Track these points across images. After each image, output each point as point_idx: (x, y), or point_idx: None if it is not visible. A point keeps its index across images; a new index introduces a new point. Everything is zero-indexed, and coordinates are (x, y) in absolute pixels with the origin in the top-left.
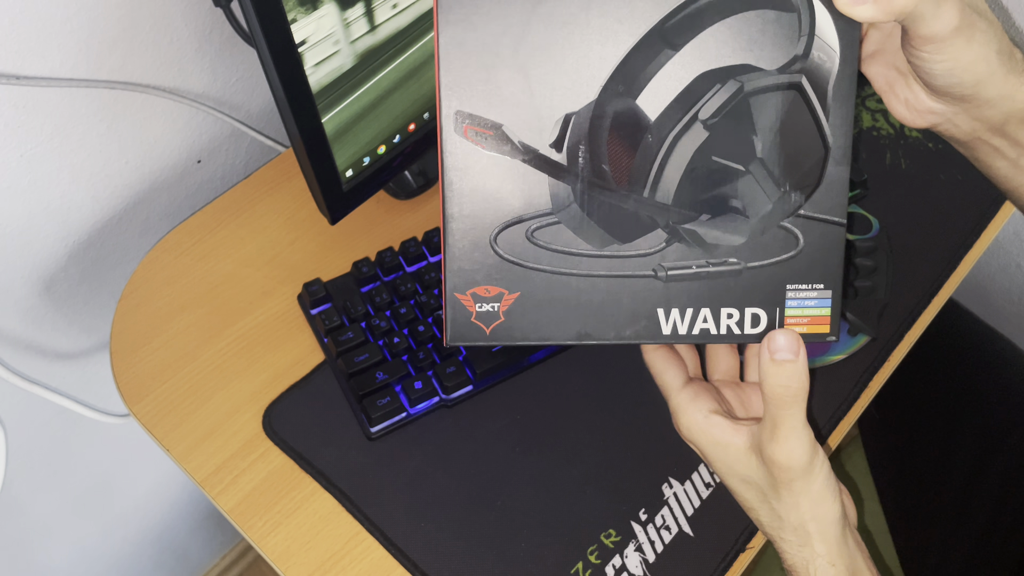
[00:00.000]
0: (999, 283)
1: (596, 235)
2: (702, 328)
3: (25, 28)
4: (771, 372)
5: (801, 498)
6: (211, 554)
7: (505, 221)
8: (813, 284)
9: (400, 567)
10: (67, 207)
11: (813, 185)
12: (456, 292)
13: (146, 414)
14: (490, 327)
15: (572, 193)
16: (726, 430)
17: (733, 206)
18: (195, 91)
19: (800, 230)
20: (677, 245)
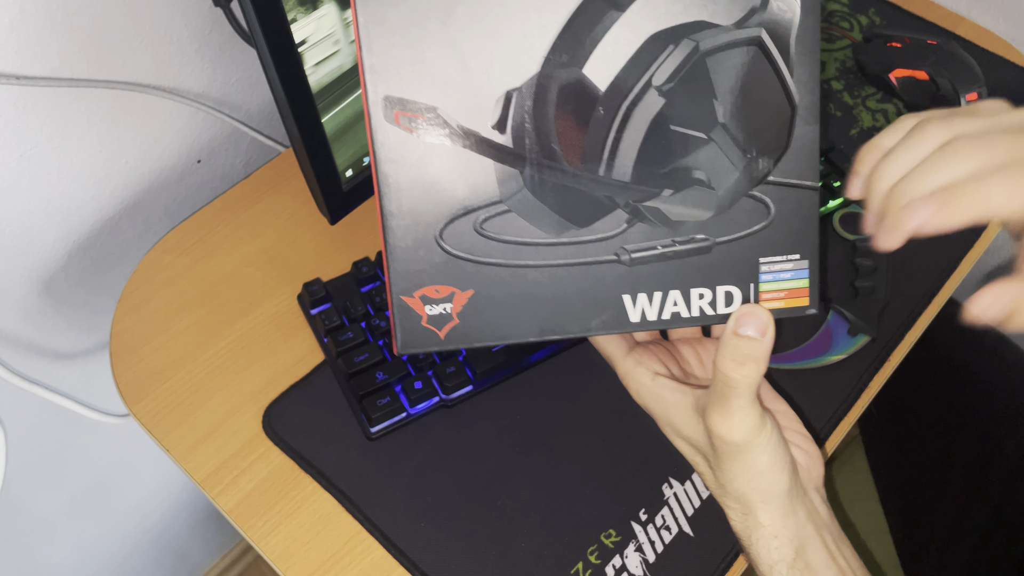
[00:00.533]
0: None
1: (551, 221)
2: (672, 312)
3: (25, 28)
4: (730, 345)
5: (743, 470)
6: (211, 554)
7: (450, 214)
8: (788, 255)
9: (400, 567)
10: (67, 207)
11: (781, 148)
12: (402, 295)
13: (146, 414)
14: (444, 330)
15: (521, 177)
16: (673, 390)
17: (697, 178)
18: (195, 91)
19: (771, 198)
20: (639, 225)
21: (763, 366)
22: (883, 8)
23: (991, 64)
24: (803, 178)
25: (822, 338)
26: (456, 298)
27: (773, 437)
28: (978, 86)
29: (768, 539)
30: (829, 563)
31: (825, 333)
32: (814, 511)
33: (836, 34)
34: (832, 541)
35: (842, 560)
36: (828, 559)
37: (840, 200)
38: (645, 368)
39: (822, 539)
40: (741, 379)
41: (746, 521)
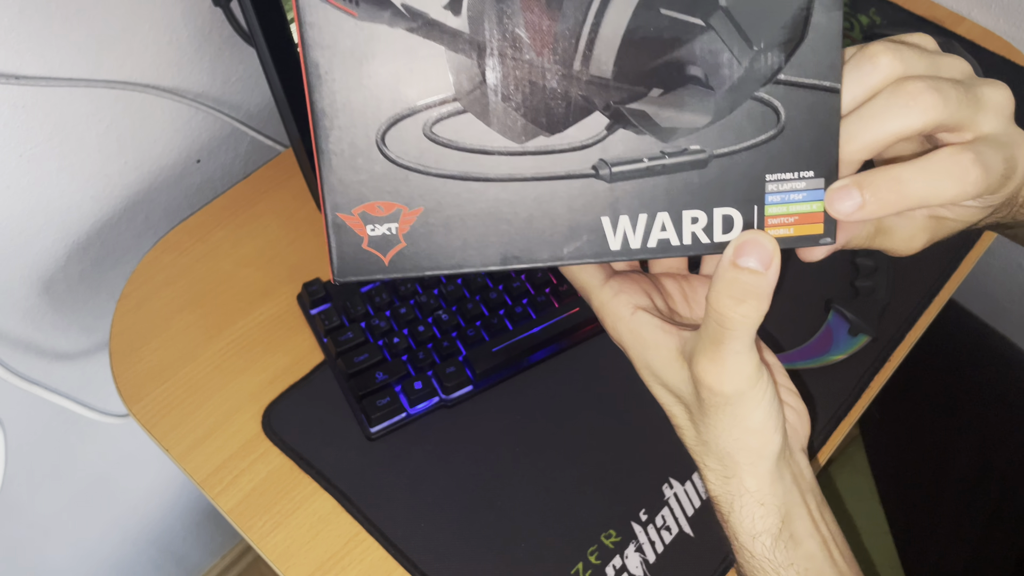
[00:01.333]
0: (1000, 283)
1: (515, 125)
2: (660, 239)
3: (25, 28)
4: (727, 278)
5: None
6: (210, 554)
7: (394, 114)
8: (800, 172)
9: (400, 567)
10: (66, 207)
11: (796, 40)
12: (338, 212)
13: (145, 414)
14: (388, 255)
15: (479, 70)
16: (655, 329)
17: (692, 75)
18: (194, 91)
19: (781, 102)
20: (622, 132)
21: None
22: (883, 8)
23: (991, 64)
24: (821, 77)
25: (822, 338)
26: (403, 216)
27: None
28: None
29: (753, 506)
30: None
31: (825, 333)
32: (800, 474)
33: None
34: (816, 507)
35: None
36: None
37: None
38: (625, 300)
39: (807, 505)
40: (739, 319)
41: (728, 485)
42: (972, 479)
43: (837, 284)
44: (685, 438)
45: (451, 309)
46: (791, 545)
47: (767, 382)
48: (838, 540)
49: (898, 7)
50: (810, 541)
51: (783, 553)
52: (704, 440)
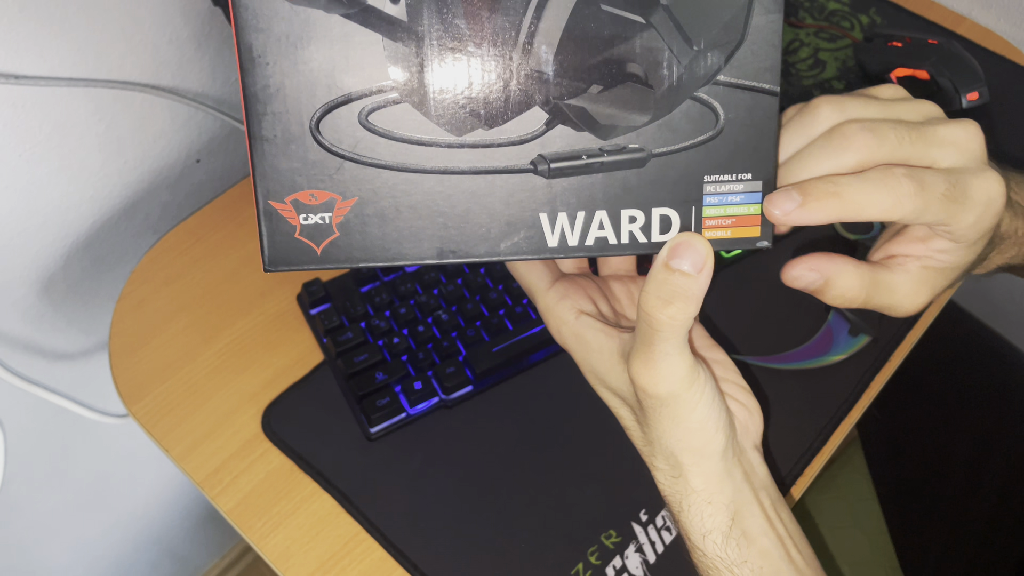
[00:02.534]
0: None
1: (454, 118)
2: (598, 237)
3: (24, 28)
4: (657, 280)
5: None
6: (210, 555)
7: (329, 101)
8: (739, 174)
9: (400, 568)
10: (66, 207)
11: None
12: (270, 200)
13: (145, 414)
14: (321, 245)
15: (416, 60)
16: (597, 333)
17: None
18: (194, 90)
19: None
20: (561, 128)
21: (694, 307)
22: (884, 8)
23: (992, 64)
24: (760, 79)
25: (823, 338)
26: (337, 206)
27: (707, 390)
28: (979, 85)
29: (701, 505)
30: (766, 529)
31: (826, 333)
32: (752, 472)
33: (837, 33)
34: (770, 505)
35: (780, 526)
36: (766, 525)
37: None
38: (569, 304)
39: (760, 503)
40: (666, 320)
41: (676, 485)
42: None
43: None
44: (634, 439)
45: (451, 309)
46: (743, 543)
47: (704, 382)
48: (796, 539)
49: (898, 7)
50: (764, 539)
51: (735, 551)
52: (649, 440)
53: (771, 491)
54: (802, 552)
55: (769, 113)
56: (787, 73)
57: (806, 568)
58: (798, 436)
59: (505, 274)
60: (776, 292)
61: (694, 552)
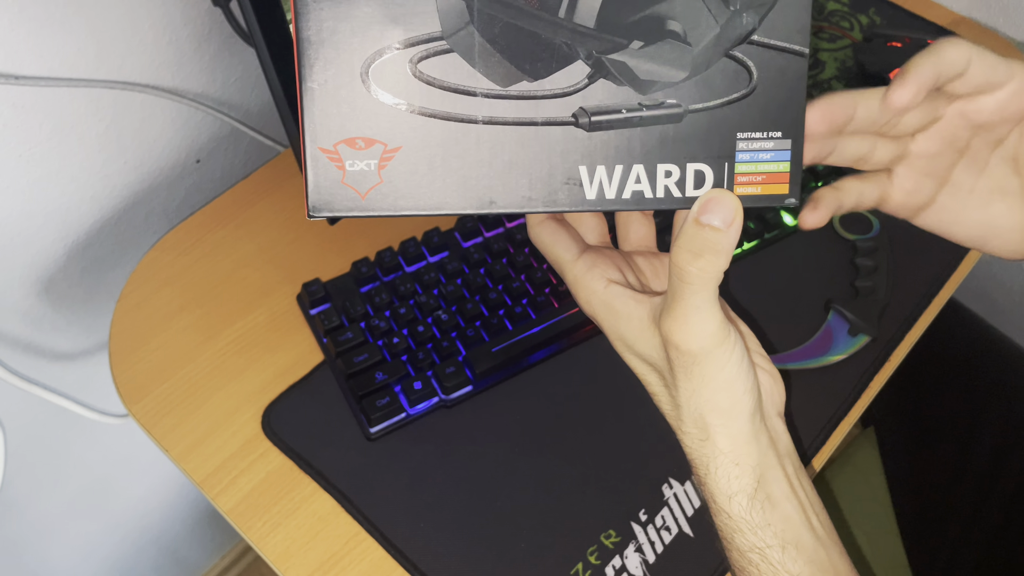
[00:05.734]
0: (1001, 282)
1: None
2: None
3: (24, 28)
4: (688, 234)
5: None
6: (210, 555)
7: (379, 48)
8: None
9: (400, 568)
10: (66, 207)
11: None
12: (318, 145)
13: (145, 414)
14: (366, 192)
15: (467, 11)
16: (627, 300)
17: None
18: (194, 91)
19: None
20: (602, 82)
21: (724, 261)
22: (883, 8)
23: None
24: (791, 41)
25: (822, 338)
26: (383, 154)
27: (737, 350)
28: None
29: (728, 467)
30: (790, 495)
31: (825, 333)
32: (776, 438)
33: (836, 34)
34: (793, 472)
35: (801, 493)
36: (789, 490)
37: None
38: (599, 273)
39: (783, 469)
40: (696, 272)
41: (703, 448)
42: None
43: (837, 284)
44: (661, 404)
45: (451, 309)
46: (768, 506)
47: (734, 341)
48: (816, 508)
49: (898, 7)
50: (787, 504)
51: (759, 514)
52: (678, 404)
53: (794, 459)
54: (822, 522)
55: (799, 73)
56: None
57: (825, 536)
58: (798, 436)
59: (505, 274)
60: (776, 292)
61: (718, 515)
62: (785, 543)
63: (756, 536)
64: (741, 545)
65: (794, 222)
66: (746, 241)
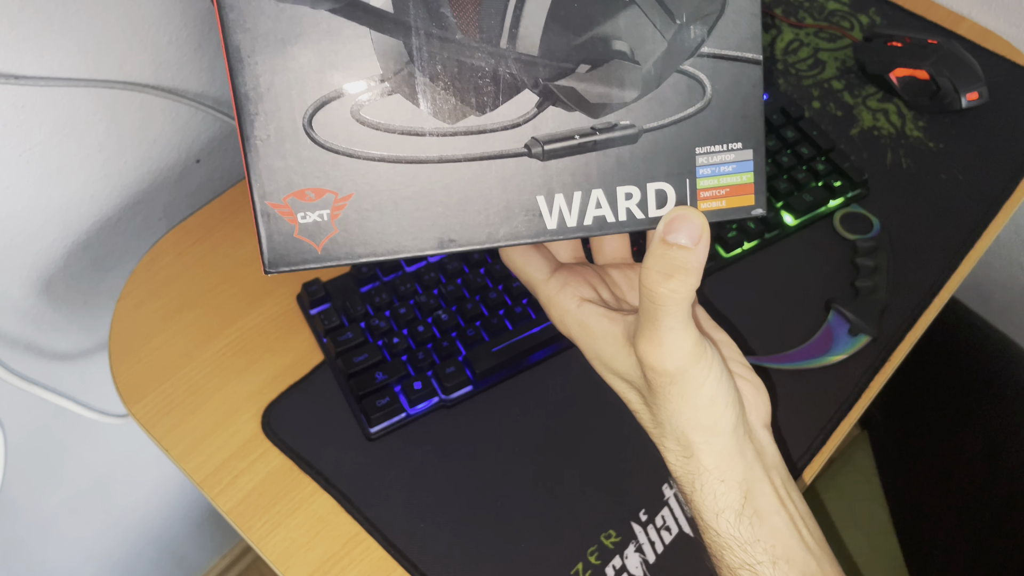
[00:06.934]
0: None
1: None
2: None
3: (24, 28)
4: (656, 254)
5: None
6: (210, 555)
7: (320, 97)
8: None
9: (400, 568)
10: (66, 207)
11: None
12: (267, 200)
13: (145, 414)
14: (321, 243)
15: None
16: (600, 319)
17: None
18: (194, 91)
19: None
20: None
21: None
22: (883, 7)
23: (992, 64)
24: (743, 49)
25: (822, 338)
26: (334, 202)
27: (715, 366)
28: (979, 85)
29: (714, 484)
30: (778, 508)
31: (825, 333)
32: (762, 451)
33: (836, 33)
34: (781, 484)
35: (791, 505)
36: (778, 504)
37: (840, 200)
38: (571, 292)
39: (771, 482)
40: (668, 294)
41: (688, 465)
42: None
43: (837, 284)
44: (643, 422)
45: (451, 309)
46: (756, 522)
47: (711, 357)
48: (807, 519)
49: (898, 7)
50: (776, 518)
51: (748, 529)
52: (659, 422)
53: (781, 471)
54: (813, 534)
55: (754, 81)
56: (787, 73)
57: (817, 548)
58: (798, 436)
59: (505, 274)
60: (776, 292)
61: (707, 532)
62: (776, 558)
63: (745, 553)
64: (731, 562)
65: (795, 221)
66: (746, 241)
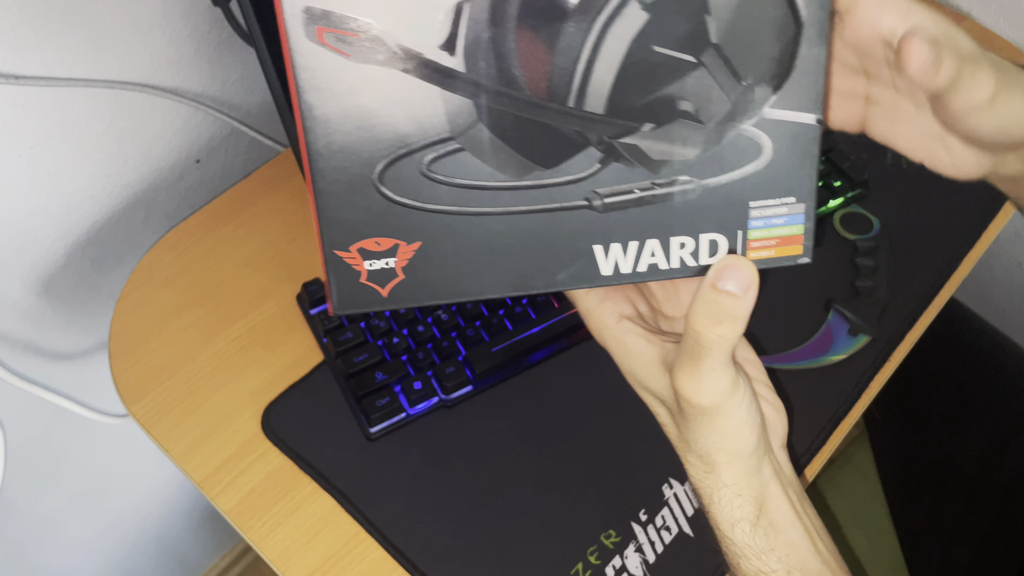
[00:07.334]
0: (1001, 282)
1: (511, 162)
2: (650, 264)
3: (24, 28)
4: (706, 300)
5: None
6: (210, 555)
7: (390, 153)
8: (782, 198)
9: (400, 568)
10: (65, 207)
11: (784, 74)
12: (336, 249)
13: (145, 414)
14: (387, 288)
15: (475, 109)
16: (638, 338)
17: (683, 110)
18: (194, 91)
19: (767, 133)
20: (615, 165)
21: (741, 326)
22: None
23: None
24: (805, 109)
25: (822, 338)
26: (400, 251)
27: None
28: None
29: (731, 497)
30: (794, 521)
31: (825, 333)
32: (779, 469)
33: None
34: (797, 499)
35: (807, 519)
36: (793, 518)
37: (840, 200)
38: (610, 308)
39: (787, 497)
40: (716, 339)
41: (708, 479)
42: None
43: (837, 284)
44: (669, 434)
45: (451, 309)
46: (771, 532)
47: (743, 391)
48: (822, 534)
49: None
50: (791, 530)
51: (763, 539)
52: (685, 439)
53: (797, 488)
54: (827, 547)
55: (812, 139)
56: None
57: (831, 559)
58: (798, 436)
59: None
60: (776, 292)
61: (723, 541)
62: (790, 568)
63: (760, 561)
64: (747, 570)
65: None
66: None
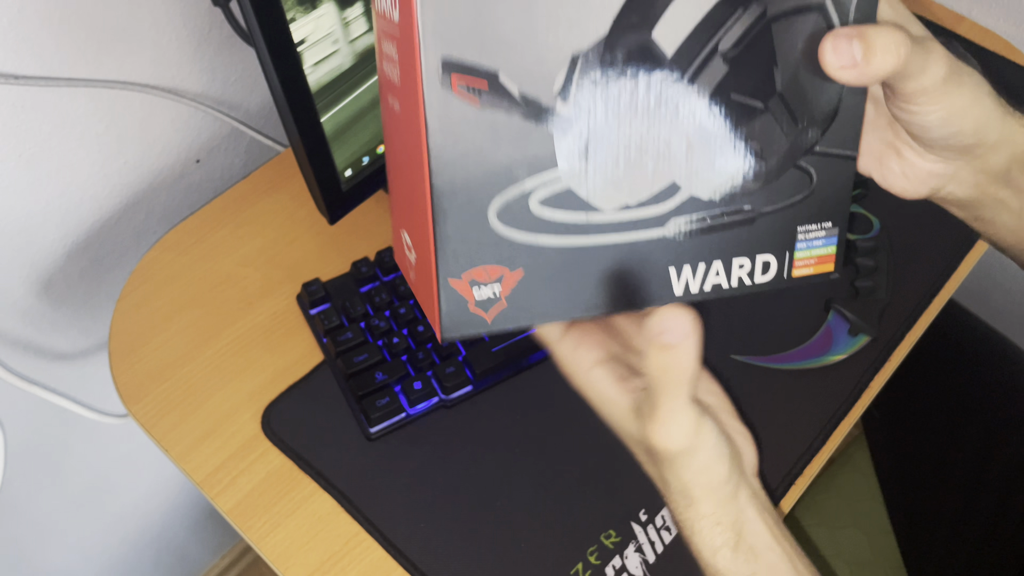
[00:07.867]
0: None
1: (608, 194)
2: (714, 283)
3: (23, 27)
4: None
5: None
6: (210, 555)
7: (507, 192)
8: (822, 222)
9: (399, 568)
10: (65, 207)
11: (831, 117)
12: (450, 278)
13: (145, 414)
14: (491, 314)
15: (583, 151)
16: (609, 386)
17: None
18: (194, 91)
19: (814, 167)
20: (692, 196)
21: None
22: None
23: (992, 63)
24: (844, 147)
25: (822, 338)
26: (505, 279)
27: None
28: None
29: (711, 526)
30: (773, 545)
31: (825, 333)
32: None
33: None
34: (774, 523)
35: (786, 543)
36: (772, 541)
37: None
38: (583, 354)
39: (765, 522)
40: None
41: (688, 512)
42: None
43: (837, 284)
44: (650, 475)
45: None
46: (751, 557)
47: (708, 429)
48: (801, 558)
49: None
50: (770, 554)
51: (744, 564)
52: (665, 480)
53: (773, 513)
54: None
55: (848, 173)
56: None
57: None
58: (798, 436)
59: None
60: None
61: (707, 570)
62: None
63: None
64: None
65: None
66: None
